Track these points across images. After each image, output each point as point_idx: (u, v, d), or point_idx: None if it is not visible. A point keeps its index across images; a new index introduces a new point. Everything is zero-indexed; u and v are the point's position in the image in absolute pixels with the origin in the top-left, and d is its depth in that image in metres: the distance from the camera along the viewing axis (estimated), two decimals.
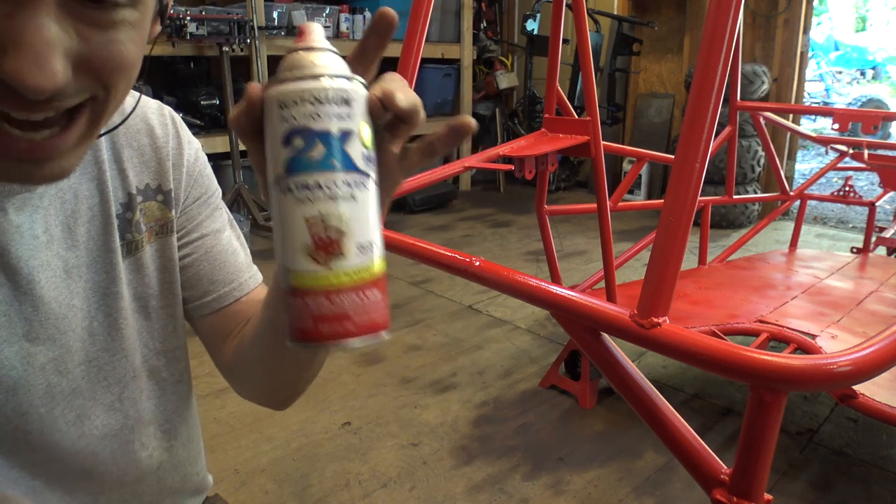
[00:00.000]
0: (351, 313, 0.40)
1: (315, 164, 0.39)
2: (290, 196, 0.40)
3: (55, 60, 0.36)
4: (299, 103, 0.39)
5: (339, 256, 0.40)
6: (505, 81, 5.35)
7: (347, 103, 0.40)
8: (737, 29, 0.82)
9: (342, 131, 0.40)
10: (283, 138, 0.40)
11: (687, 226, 0.84)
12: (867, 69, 11.97)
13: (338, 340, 0.40)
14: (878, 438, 1.90)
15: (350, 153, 0.40)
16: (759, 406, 0.76)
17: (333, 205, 0.40)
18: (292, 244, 0.40)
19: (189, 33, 3.30)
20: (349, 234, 0.40)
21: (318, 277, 0.40)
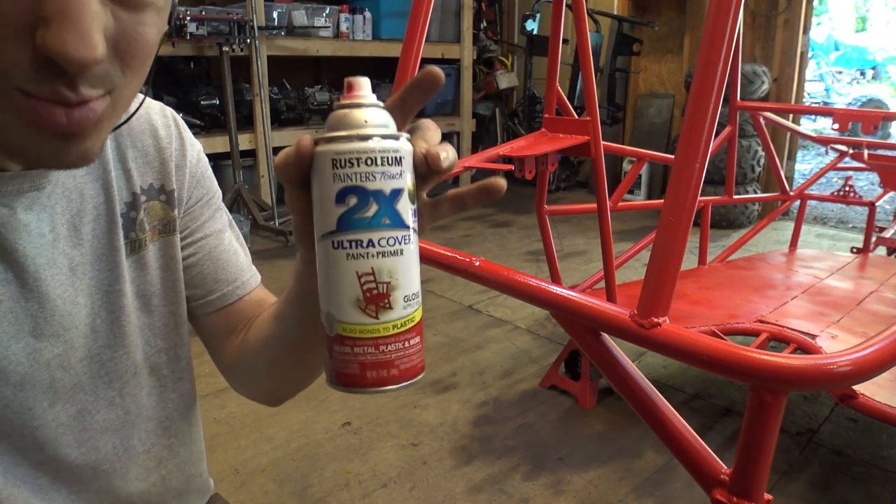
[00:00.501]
0: (396, 361, 0.43)
1: (368, 223, 0.41)
2: (341, 251, 0.41)
3: (97, 34, 0.36)
4: (354, 163, 0.41)
5: (388, 309, 0.42)
6: (505, 81, 5.35)
7: (399, 162, 0.42)
8: (737, 29, 0.82)
9: (393, 190, 0.41)
10: (337, 196, 0.41)
11: (687, 226, 0.84)
12: (867, 69, 11.97)
13: (382, 386, 0.43)
14: (878, 438, 1.90)
15: (400, 210, 0.42)
16: (759, 406, 0.76)
17: (384, 261, 0.42)
18: (342, 296, 0.42)
19: (189, 33, 3.30)
20: (398, 288, 0.42)
21: (367, 329, 0.42)
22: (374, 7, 4.44)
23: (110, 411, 0.58)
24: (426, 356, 0.47)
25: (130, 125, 0.59)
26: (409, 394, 2.09)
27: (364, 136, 0.41)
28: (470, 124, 5.16)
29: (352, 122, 0.42)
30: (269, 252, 3.53)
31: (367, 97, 0.43)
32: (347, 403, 2.02)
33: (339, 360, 0.43)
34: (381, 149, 0.41)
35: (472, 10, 4.96)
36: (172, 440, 0.66)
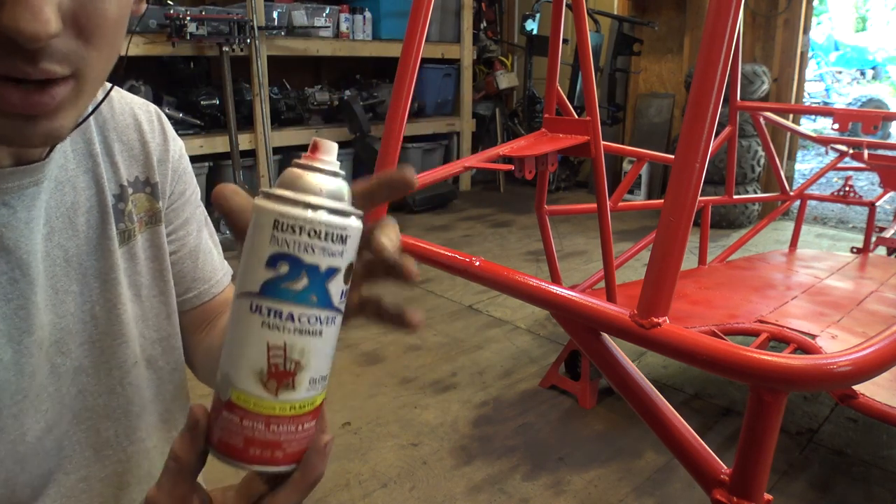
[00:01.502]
0: (284, 443, 0.40)
1: (293, 295, 0.38)
2: (256, 316, 0.38)
3: (48, 9, 0.37)
4: (296, 231, 0.38)
5: (290, 389, 0.39)
6: (505, 81, 5.35)
7: (343, 241, 0.39)
8: (737, 29, 0.82)
9: (329, 268, 0.39)
10: (269, 259, 0.38)
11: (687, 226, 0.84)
12: (867, 69, 11.97)
13: (262, 466, 0.40)
14: (878, 438, 1.90)
15: (330, 290, 0.39)
16: (759, 406, 0.76)
17: (299, 339, 0.39)
18: (245, 363, 0.39)
19: (189, 33, 3.30)
20: (305, 369, 0.40)
21: (262, 404, 0.39)
22: (374, 7, 4.43)
23: (111, 398, 0.59)
24: (426, 356, 0.46)
25: (115, 120, 0.61)
26: (409, 394, 2.09)
27: (314, 205, 0.38)
28: (470, 124, 5.16)
29: (306, 185, 0.39)
30: None
31: (329, 163, 0.40)
32: (347, 403, 2.02)
33: (224, 428, 0.40)
34: (328, 223, 0.38)
35: (472, 10, 4.96)
36: (172, 432, 0.66)
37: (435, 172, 1.64)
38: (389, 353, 2.36)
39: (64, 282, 0.55)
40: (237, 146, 3.70)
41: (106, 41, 0.43)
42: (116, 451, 0.60)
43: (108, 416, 0.59)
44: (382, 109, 4.60)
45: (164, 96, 3.72)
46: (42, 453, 0.54)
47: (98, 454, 0.59)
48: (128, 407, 0.61)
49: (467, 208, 4.65)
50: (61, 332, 0.55)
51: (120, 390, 0.60)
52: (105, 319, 0.58)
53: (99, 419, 0.59)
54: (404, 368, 2.25)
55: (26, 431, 0.52)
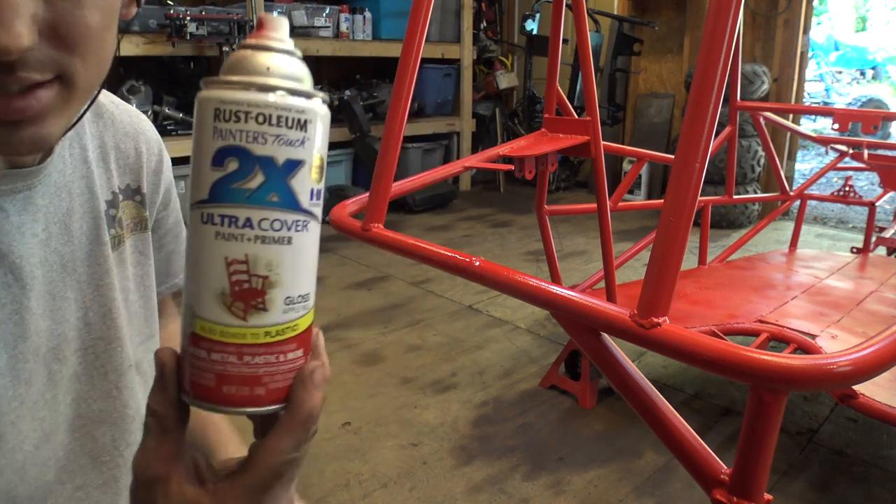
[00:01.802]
0: (263, 377, 0.34)
1: (248, 196, 0.32)
2: (209, 227, 0.33)
3: (19, 22, 0.36)
4: (240, 118, 0.32)
5: (261, 311, 0.34)
6: (505, 81, 5.35)
7: (303, 127, 0.33)
8: (737, 29, 0.82)
9: (289, 160, 0.33)
10: (214, 156, 0.33)
11: (687, 226, 0.84)
12: (867, 69, 11.97)
13: (241, 407, 0.35)
14: (878, 438, 1.90)
15: (294, 188, 0.33)
16: (759, 406, 0.76)
17: (263, 248, 0.33)
18: (205, 286, 0.33)
19: (189, 33, 3.30)
20: (278, 285, 0.34)
21: (230, 332, 0.33)
22: (374, 7, 4.44)
23: (107, 403, 0.59)
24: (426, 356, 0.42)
25: (115, 127, 0.62)
26: (409, 394, 2.09)
27: (262, 85, 0.32)
28: (470, 124, 5.16)
29: (251, 66, 0.33)
30: None
31: (278, 40, 0.34)
32: (347, 403, 2.02)
33: (194, 367, 0.34)
34: (280, 105, 0.32)
35: (472, 10, 4.96)
36: None
37: (435, 172, 1.64)
38: (389, 353, 2.36)
39: (60, 288, 0.55)
40: None
41: (90, 49, 0.42)
42: (114, 457, 0.60)
43: (104, 421, 0.59)
44: (382, 109, 4.60)
45: (164, 96, 3.71)
46: (40, 463, 0.54)
47: (95, 461, 0.59)
48: (123, 411, 0.61)
49: (467, 208, 4.65)
50: (58, 338, 0.54)
51: (116, 394, 0.60)
52: (99, 325, 0.58)
53: (94, 425, 0.58)
54: (404, 368, 2.25)
55: (24, 440, 0.51)
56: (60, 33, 0.40)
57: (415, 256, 1.22)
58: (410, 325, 2.62)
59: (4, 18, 0.36)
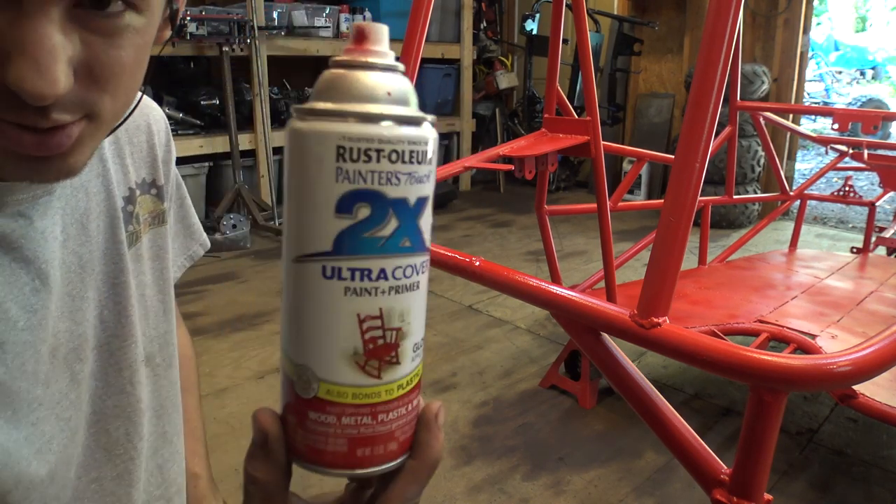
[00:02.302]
0: (396, 433, 0.32)
1: (382, 245, 0.29)
2: (336, 283, 0.29)
3: (57, 68, 0.35)
4: (372, 157, 0.28)
5: (395, 365, 0.31)
6: (505, 81, 5.35)
7: (429, 161, 0.30)
8: (737, 29, 0.82)
9: (419, 199, 0.29)
10: (339, 202, 0.28)
11: (687, 226, 0.84)
12: (867, 69, 11.97)
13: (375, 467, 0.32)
14: (878, 438, 1.90)
15: (422, 228, 0.30)
16: (759, 406, 0.76)
17: (397, 300, 0.30)
18: (331, 346, 0.30)
19: (189, 33, 3.30)
20: (409, 335, 0.31)
21: (364, 393, 0.31)
22: (374, 7, 4.44)
23: (121, 398, 0.60)
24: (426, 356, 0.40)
25: (127, 122, 0.61)
26: None
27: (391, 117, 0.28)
28: (470, 124, 5.16)
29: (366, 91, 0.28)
30: (269, 252, 3.52)
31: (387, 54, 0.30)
32: None
33: (317, 433, 0.31)
34: (410, 138, 0.28)
35: (472, 10, 4.96)
36: (166, 427, 0.67)
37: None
38: None
39: (80, 288, 0.54)
40: (237, 146, 3.70)
41: (121, 86, 0.41)
42: (127, 450, 0.60)
43: (118, 416, 0.59)
44: None
45: (164, 96, 3.72)
46: (67, 462, 0.54)
47: (109, 454, 0.59)
48: (136, 405, 0.61)
49: (467, 208, 4.65)
50: (79, 338, 0.54)
51: (130, 389, 0.60)
52: (113, 322, 0.58)
53: (109, 420, 0.59)
54: None
55: (50, 440, 0.51)
56: (94, 73, 0.39)
57: None
58: None
59: (41, 63, 0.35)
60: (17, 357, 0.47)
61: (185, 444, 0.74)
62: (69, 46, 0.37)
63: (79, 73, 0.38)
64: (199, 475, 0.79)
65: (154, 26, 0.44)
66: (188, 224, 0.75)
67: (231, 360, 2.28)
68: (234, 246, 3.52)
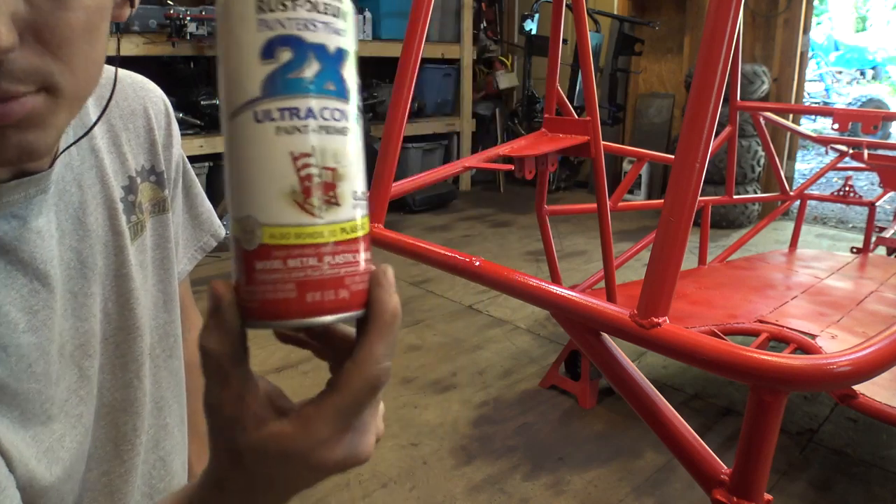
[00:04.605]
0: (345, 278, 0.32)
1: (307, 85, 0.31)
2: (268, 125, 0.31)
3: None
4: (288, 6, 0.31)
5: (335, 206, 0.32)
6: (505, 81, 5.35)
7: (344, 17, 0.33)
8: (737, 29, 0.82)
9: (339, 49, 0.32)
10: (263, 49, 0.31)
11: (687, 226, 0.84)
12: (867, 69, 11.97)
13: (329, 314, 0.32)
14: (878, 438, 1.90)
15: (346, 77, 0.33)
16: (759, 406, 0.76)
17: (328, 139, 0.32)
18: (269, 188, 0.31)
19: (189, 33, 3.30)
20: (345, 178, 0.32)
21: (307, 232, 0.31)
22: (374, 7, 4.43)
23: (128, 392, 0.59)
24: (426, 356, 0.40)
25: (121, 107, 0.60)
26: (409, 394, 2.09)
27: None
28: (470, 124, 5.16)
29: None
30: None
31: None
32: None
33: (266, 283, 0.31)
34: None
35: (472, 10, 4.96)
36: (167, 419, 0.66)
37: (435, 172, 1.64)
38: None
39: (82, 285, 0.53)
40: None
41: (76, 53, 0.39)
42: (134, 445, 0.60)
43: (126, 410, 0.59)
44: (382, 109, 4.59)
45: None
46: (82, 458, 0.54)
47: (117, 448, 0.59)
48: (143, 399, 0.61)
49: (467, 208, 4.65)
50: (85, 335, 0.54)
51: (137, 383, 0.60)
52: (118, 315, 0.57)
53: (117, 414, 0.58)
54: (404, 368, 2.25)
55: (62, 437, 0.51)
56: (44, 37, 0.37)
57: (415, 256, 1.22)
58: (410, 325, 2.62)
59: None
60: (21, 359, 0.47)
61: (192, 448, 0.73)
62: (12, 3, 0.35)
63: (25, 36, 0.37)
64: None
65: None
66: (196, 214, 0.72)
67: None
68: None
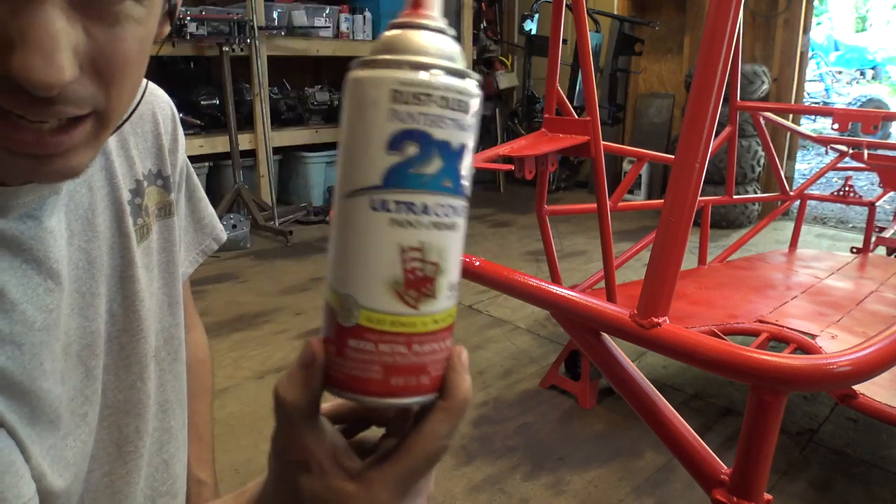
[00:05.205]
0: (429, 366, 0.34)
1: (426, 182, 0.32)
2: (383, 214, 0.32)
3: (62, 55, 0.35)
4: (422, 100, 0.31)
5: (431, 298, 0.33)
6: (505, 81, 5.35)
7: (472, 112, 0.33)
8: (737, 29, 0.82)
9: (461, 145, 0.33)
10: (391, 140, 0.32)
11: (687, 226, 0.84)
12: (867, 69, 11.97)
13: (407, 397, 0.34)
14: (878, 438, 1.90)
15: (462, 173, 0.33)
16: (759, 406, 0.76)
17: (437, 235, 0.33)
18: (374, 275, 0.32)
19: (189, 33, 3.30)
20: (445, 273, 0.33)
21: (402, 322, 0.33)
22: (374, 7, 4.43)
23: (131, 394, 0.59)
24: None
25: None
26: None
27: (445, 68, 0.32)
28: None
29: (426, 47, 0.32)
30: (269, 252, 3.52)
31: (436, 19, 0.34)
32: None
33: (355, 360, 0.34)
34: (457, 88, 0.32)
35: (472, 10, 4.96)
36: (171, 423, 0.66)
37: None
38: None
39: (90, 285, 0.54)
40: (237, 146, 3.70)
41: (126, 79, 0.41)
42: (137, 447, 0.60)
43: (129, 411, 0.59)
44: None
45: None
46: (86, 456, 0.54)
47: (120, 450, 0.59)
48: (146, 401, 0.61)
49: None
50: (92, 335, 0.54)
51: (140, 385, 0.60)
52: (123, 316, 0.58)
53: (120, 415, 0.59)
54: None
55: (66, 435, 0.52)
56: (99, 66, 0.39)
57: None
58: None
59: (46, 50, 0.34)
60: (34, 357, 0.47)
61: (192, 450, 0.73)
62: (73, 35, 0.36)
63: (84, 66, 0.38)
64: (205, 482, 0.77)
65: (154, 18, 0.43)
66: (199, 217, 0.73)
67: (231, 360, 2.28)
68: (234, 246, 3.52)
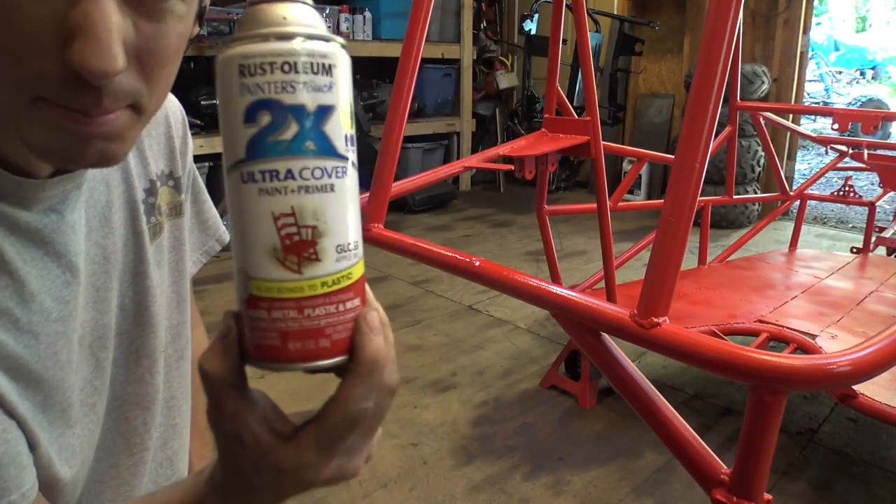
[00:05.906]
0: (326, 329, 0.35)
1: (285, 148, 0.33)
2: (252, 186, 0.33)
3: (116, 45, 0.37)
4: (266, 70, 0.32)
5: (315, 262, 0.34)
6: (505, 81, 5.35)
7: (328, 72, 0.33)
8: (737, 29, 0.82)
9: (320, 106, 0.33)
10: (245, 113, 0.32)
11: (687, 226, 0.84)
12: (867, 69, 11.97)
13: (310, 361, 0.35)
14: (878, 438, 1.90)
15: (329, 134, 0.34)
16: (759, 406, 0.76)
17: (308, 198, 0.33)
18: (255, 245, 0.33)
19: None
20: (327, 234, 0.34)
21: (287, 287, 0.34)
22: (374, 7, 4.43)
23: (140, 387, 0.61)
24: (426, 356, 0.42)
25: None
26: (409, 394, 2.09)
27: (282, 34, 0.32)
28: (470, 124, 5.16)
29: (267, 18, 0.33)
30: None
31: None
32: None
33: (255, 329, 0.34)
34: (304, 51, 0.32)
35: (472, 10, 4.96)
36: (177, 420, 0.67)
37: (435, 172, 1.64)
38: None
39: (104, 279, 0.56)
40: None
41: (164, 74, 0.43)
42: (144, 440, 0.62)
43: (137, 404, 0.61)
44: (382, 109, 4.60)
45: None
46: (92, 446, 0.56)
47: (127, 442, 0.60)
48: (155, 395, 0.62)
49: (467, 208, 4.65)
50: (104, 327, 0.56)
51: (149, 379, 0.61)
52: (134, 311, 0.59)
53: (128, 407, 0.60)
54: (404, 368, 2.25)
55: (74, 424, 0.53)
56: (143, 60, 0.40)
57: (415, 256, 1.22)
58: (410, 325, 2.62)
59: (104, 40, 0.36)
60: (49, 346, 0.49)
61: (193, 446, 0.74)
62: (124, 27, 0.38)
63: (130, 59, 0.39)
64: None
65: (192, 16, 0.45)
66: (203, 219, 0.75)
67: None
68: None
